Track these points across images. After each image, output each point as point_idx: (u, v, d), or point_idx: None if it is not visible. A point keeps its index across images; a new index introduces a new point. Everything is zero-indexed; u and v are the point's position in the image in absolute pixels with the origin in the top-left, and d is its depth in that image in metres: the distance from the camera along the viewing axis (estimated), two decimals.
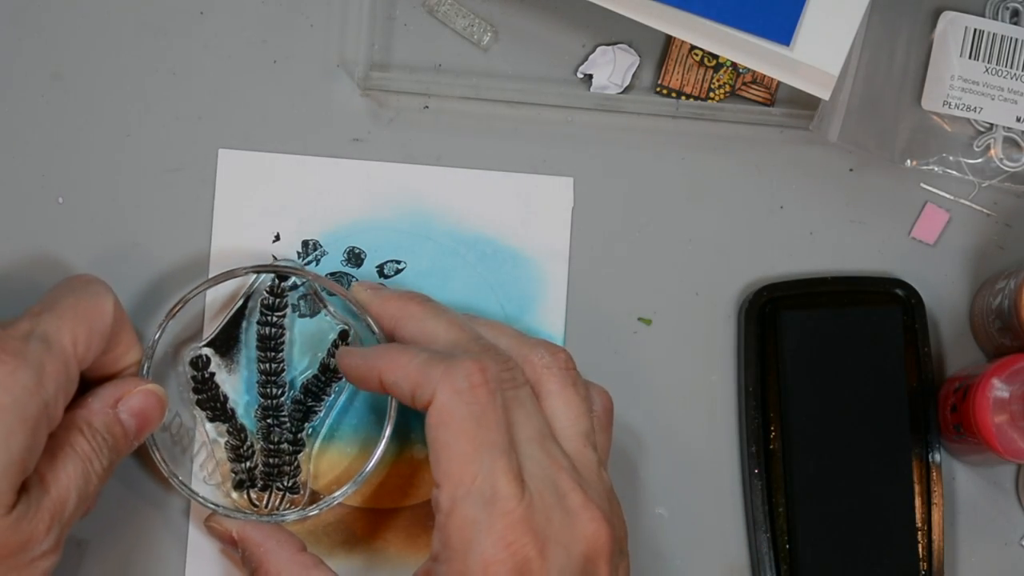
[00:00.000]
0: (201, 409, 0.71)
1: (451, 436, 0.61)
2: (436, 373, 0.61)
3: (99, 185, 0.73)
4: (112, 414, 0.65)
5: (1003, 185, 0.75)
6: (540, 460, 0.61)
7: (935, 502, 0.73)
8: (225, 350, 0.71)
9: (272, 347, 0.71)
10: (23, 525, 0.59)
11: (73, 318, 0.63)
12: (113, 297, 0.65)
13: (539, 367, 0.65)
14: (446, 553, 0.60)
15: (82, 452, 0.63)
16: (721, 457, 0.74)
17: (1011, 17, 0.75)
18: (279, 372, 0.71)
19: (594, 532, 0.61)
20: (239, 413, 0.71)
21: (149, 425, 0.67)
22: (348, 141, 0.74)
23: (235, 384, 0.71)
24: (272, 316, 0.71)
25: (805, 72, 0.70)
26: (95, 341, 0.64)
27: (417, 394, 0.62)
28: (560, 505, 0.61)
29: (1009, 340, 0.72)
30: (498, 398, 0.61)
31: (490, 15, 0.75)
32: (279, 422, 0.71)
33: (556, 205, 0.74)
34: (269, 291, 0.71)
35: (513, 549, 0.59)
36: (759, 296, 0.73)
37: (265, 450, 0.70)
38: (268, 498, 0.70)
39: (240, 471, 0.70)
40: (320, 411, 0.71)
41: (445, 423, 0.61)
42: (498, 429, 0.61)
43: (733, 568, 0.74)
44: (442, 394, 0.61)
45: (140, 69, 0.74)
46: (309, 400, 0.71)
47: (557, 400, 0.64)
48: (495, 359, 0.63)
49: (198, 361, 0.71)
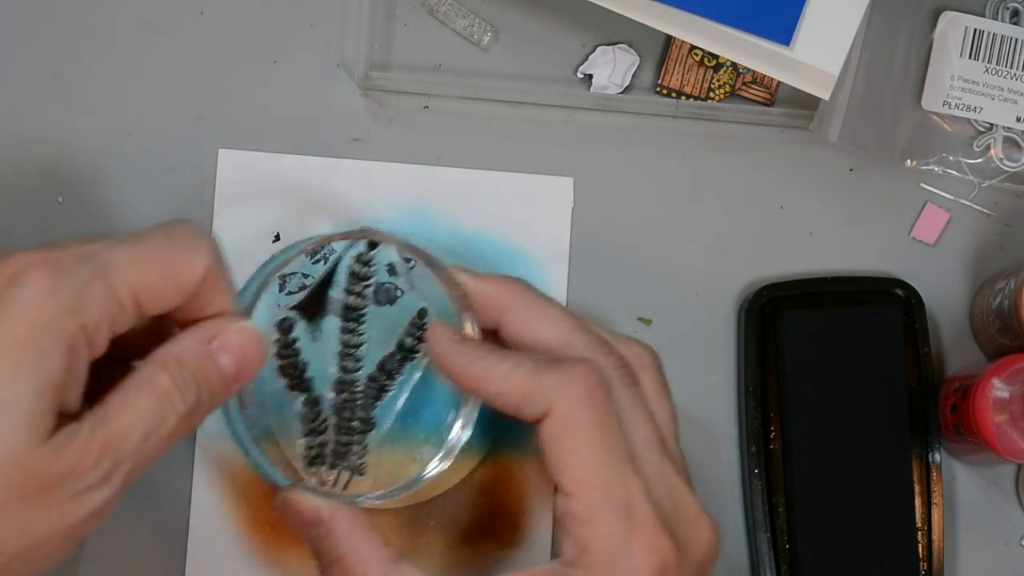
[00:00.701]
0: (281, 376, 0.67)
1: (577, 444, 0.59)
2: (549, 383, 0.59)
3: (99, 185, 0.73)
4: (206, 351, 0.58)
5: (1003, 185, 0.75)
6: (658, 464, 0.60)
7: (935, 502, 0.73)
8: (311, 316, 0.68)
9: (355, 318, 0.68)
10: (65, 454, 0.53)
11: (147, 262, 0.57)
12: (209, 256, 0.58)
13: (638, 367, 0.62)
14: (585, 559, 0.58)
15: (161, 387, 0.56)
16: (721, 457, 0.74)
17: (1011, 17, 0.75)
18: (359, 345, 0.68)
19: (708, 539, 0.60)
20: (315, 384, 0.68)
21: (248, 370, 0.60)
22: (348, 141, 0.74)
23: (317, 353, 0.68)
24: (359, 286, 0.69)
25: (805, 72, 0.70)
26: (169, 293, 0.57)
27: (526, 405, 0.60)
28: (681, 511, 0.60)
29: (1009, 340, 0.72)
30: (613, 398, 0.60)
31: (490, 15, 0.75)
32: (353, 397, 0.68)
33: (556, 205, 0.74)
34: (357, 259, 0.68)
35: (660, 555, 0.58)
36: (759, 296, 0.73)
37: (336, 426, 0.68)
38: (336, 478, 0.67)
39: (314, 445, 0.67)
40: (392, 390, 0.68)
41: (568, 431, 0.59)
42: (620, 432, 0.59)
43: (733, 568, 0.74)
44: (561, 404, 0.59)
45: (140, 69, 0.74)
46: (383, 378, 0.69)
47: (655, 402, 0.62)
48: (609, 356, 0.61)
49: (284, 323, 0.67)
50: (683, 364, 0.74)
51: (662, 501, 0.59)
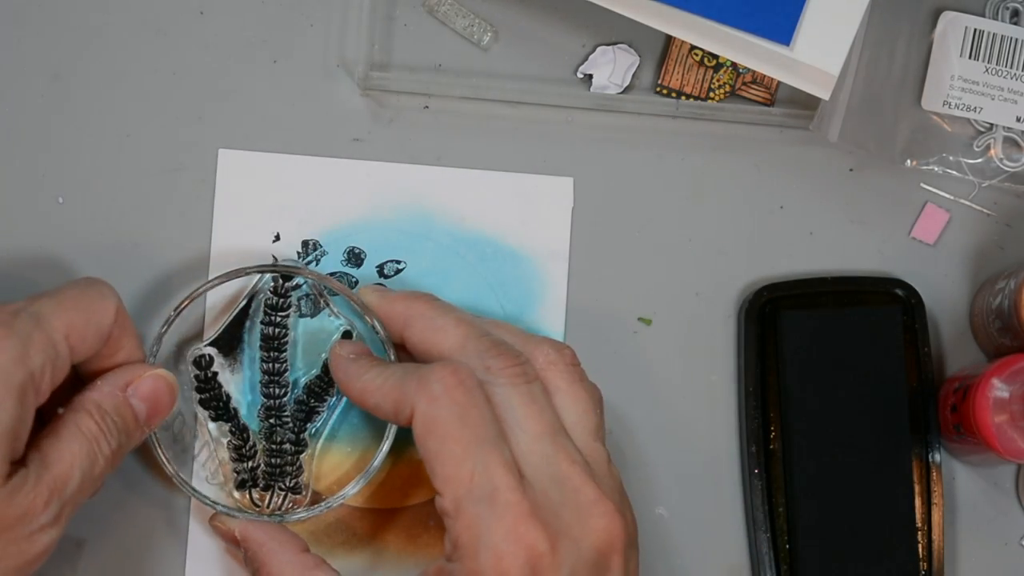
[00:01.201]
0: (204, 408, 0.71)
1: (439, 442, 0.61)
2: (411, 388, 0.62)
3: (99, 185, 0.73)
4: (122, 397, 0.65)
5: (1003, 185, 0.75)
6: (549, 455, 0.62)
7: (935, 502, 0.73)
8: (228, 350, 0.71)
9: (275, 347, 0.71)
10: (19, 498, 0.59)
11: (71, 308, 0.63)
12: (117, 301, 0.65)
13: (545, 364, 0.65)
14: (458, 553, 0.60)
15: (88, 432, 0.62)
16: (721, 457, 0.74)
17: (1011, 17, 0.75)
18: (282, 372, 0.71)
19: (606, 526, 0.61)
20: (242, 413, 0.71)
21: (160, 412, 0.66)
22: (348, 141, 0.74)
23: (238, 384, 0.71)
24: (276, 316, 0.71)
25: (805, 72, 0.70)
26: (91, 335, 0.63)
27: (399, 412, 0.63)
28: (571, 499, 0.61)
29: (1009, 340, 0.72)
30: (477, 395, 0.62)
31: (490, 15, 0.75)
32: (282, 422, 0.71)
33: (556, 205, 0.74)
34: (273, 291, 0.71)
35: (524, 542, 0.59)
36: (759, 296, 0.73)
37: (268, 450, 0.70)
38: (270, 498, 0.70)
39: (242, 471, 0.70)
40: (323, 411, 0.71)
41: (430, 431, 0.61)
42: (483, 424, 0.61)
43: (733, 568, 0.74)
44: (420, 405, 0.62)
45: (140, 69, 0.74)
46: (312, 400, 0.71)
47: (565, 397, 0.64)
48: (499, 356, 0.63)
49: (201, 360, 0.71)
50: (683, 364, 0.74)
51: (546, 490, 0.61)
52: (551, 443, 0.62)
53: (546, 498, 0.60)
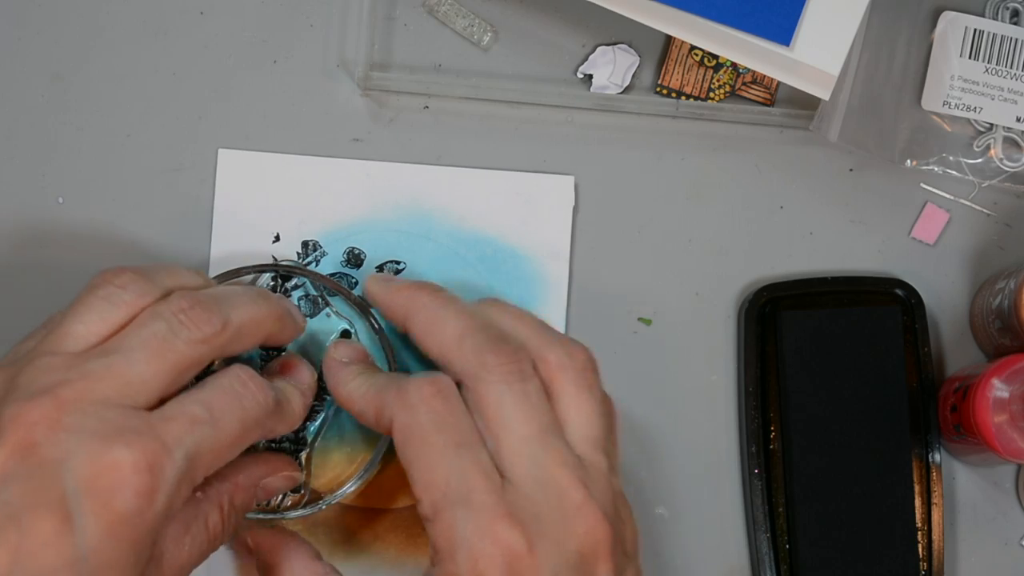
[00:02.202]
0: None
1: (416, 449, 0.61)
2: (390, 397, 0.62)
3: (99, 185, 0.73)
4: (252, 491, 0.65)
5: (1003, 185, 0.75)
6: (537, 456, 0.60)
7: (935, 502, 0.73)
8: None
9: (274, 347, 0.71)
10: None
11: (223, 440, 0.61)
12: None
13: (554, 367, 0.63)
14: (438, 557, 0.60)
15: (212, 529, 0.62)
16: (721, 457, 0.74)
17: (1011, 17, 0.75)
18: None
19: (589, 530, 0.60)
20: None
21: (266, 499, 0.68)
22: (348, 141, 0.74)
23: None
24: None
25: (805, 72, 0.70)
26: None
27: (380, 421, 0.63)
28: (556, 502, 0.60)
29: (1009, 340, 0.72)
30: (455, 402, 0.61)
31: (490, 15, 0.75)
32: None
33: (556, 204, 0.74)
34: (272, 291, 0.71)
35: (501, 543, 0.58)
36: (759, 296, 0.74)
37: (267, 449, 0.70)
38: None
39: None
40: (322, 411, 0.71)
41: (408, 439, 0.61)
42: (459, 430, 0.60)
43: (733, 568, 0.74)
44: (399, 415, 0.61)
45: (140, 69, 0.74)
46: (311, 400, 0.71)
47: (570, 404, 0.63)
48: (500, 352, 0.62)
49: None
50: (683, 364, 0.74)
51: (530, 492, 0.60)
52: (540, 444, 0.61)
53: (527, 500, 0.59)
